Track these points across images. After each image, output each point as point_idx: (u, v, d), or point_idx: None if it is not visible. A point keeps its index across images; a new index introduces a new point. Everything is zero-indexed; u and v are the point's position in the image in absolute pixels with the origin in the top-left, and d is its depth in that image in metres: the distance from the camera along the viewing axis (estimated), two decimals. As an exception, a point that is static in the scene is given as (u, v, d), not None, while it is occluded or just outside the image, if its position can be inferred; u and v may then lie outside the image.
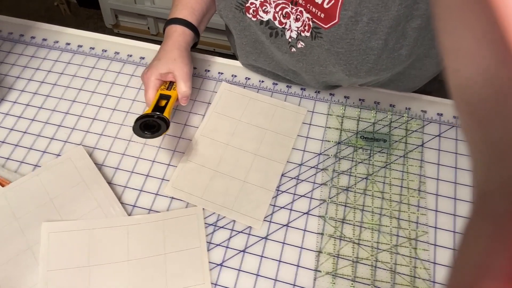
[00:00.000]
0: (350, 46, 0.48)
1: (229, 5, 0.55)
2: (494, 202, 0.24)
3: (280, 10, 0.52)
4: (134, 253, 0.49)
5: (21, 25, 0.72)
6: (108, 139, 0.59)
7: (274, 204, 0.54)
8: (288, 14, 0.52)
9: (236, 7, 0.55)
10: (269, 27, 0.54)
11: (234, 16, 0.56)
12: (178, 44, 0.57)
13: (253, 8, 0.53)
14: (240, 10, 0.55)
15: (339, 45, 0.48)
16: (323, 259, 0.50)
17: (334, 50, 0.49)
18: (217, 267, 0.49)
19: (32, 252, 0.49)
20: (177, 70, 0.55)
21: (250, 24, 0.56)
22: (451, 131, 0.60)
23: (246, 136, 0.59)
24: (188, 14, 0.59)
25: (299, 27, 0.51)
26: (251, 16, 0.54)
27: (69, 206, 0.52)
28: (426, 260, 0.50)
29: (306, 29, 0.51)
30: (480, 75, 0.24)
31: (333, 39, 0.48)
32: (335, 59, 0.50)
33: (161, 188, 0.55)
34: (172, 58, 0.56)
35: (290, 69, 0.61)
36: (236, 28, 0.58)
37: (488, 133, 0.25)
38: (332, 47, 0.49)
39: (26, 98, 0.63)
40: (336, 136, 0.59)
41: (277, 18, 0.53)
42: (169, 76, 0.56)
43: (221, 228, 0.52)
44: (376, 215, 0.53)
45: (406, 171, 0.56)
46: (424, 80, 0.64)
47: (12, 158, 0.57)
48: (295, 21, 0.51)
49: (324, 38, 0.49)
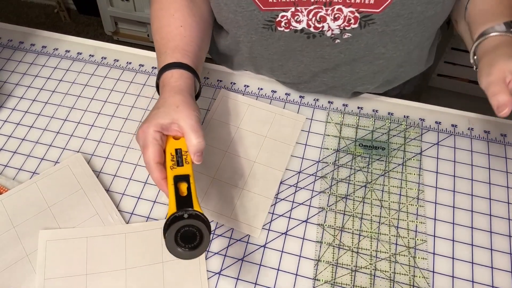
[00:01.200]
0: (408, 20, 0.49)
1: (253, 27, 0.53)
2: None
3: (314, 16, 0.51)
4: (132, 261, 0.49)
5: (21, 32, 0.72)
6: (106, 146, 0.59)
7: (272, 212, 0.54)
8: (324, 18, 0.50)
9: (264, 25, 0.52)
10: (305, 33, 0.53)
11: (261, 36, 0.54)
12: (179, 89, 0.48)
13: (284, 21, 0.51)
14: (269, 28, 0.53)
15: (396, 22, 0.49)
16: (321, 268, 0.50)
17: (390, 30, 0.50)
18: (215, 275, 0.49)
19: (29, 260, 0.49)
20: (182, 119, 0.45)
21: (281, 37, 0.54)
22: (449, 139, 0.60)
23: (244, 143, 0.59)
24: (182, 56, 0.51)
25: (340, 25, 0.51)
26: (284, 29, 0.52)
27: (67, 214, 0.52)
28: (425, 269, 0.50)
29: (352, 22, 0.50)
30: None
31: (389, 19, 0.49)
32: (389, 38, 0.51)
33: (160, 196, 0.55)
34: (175, 105, 0.46)
35: (315, 73, 0.60)
36: (263, 45, 0.56)
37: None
38: (387, 28, 0.50)
39: (25, 105, 0.63)
40: (335, 144, 0.59)
41: (311, 25, 0.51)
42: (172, 128, 0.46)
43: (219, 236, 0.52)
44: (375, 223, 0.53)
45: (404, 179, 0.56)
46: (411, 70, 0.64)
47: (10, 165, 0.57)
48: (334, 21, 0.51)
49: (377, 23, 0.50)
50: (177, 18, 0.54)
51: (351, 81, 0.61)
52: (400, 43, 0.53)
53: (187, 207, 0.41)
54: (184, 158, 0.45)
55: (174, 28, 0.54)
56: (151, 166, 0.44)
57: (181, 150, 0.45)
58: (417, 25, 0.50)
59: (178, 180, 0.43)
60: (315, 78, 0.61)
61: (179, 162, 0.44)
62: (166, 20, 0.55)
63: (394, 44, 0.53)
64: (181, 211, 0.40)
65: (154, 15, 0.57)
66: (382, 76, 0.60)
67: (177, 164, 0.44)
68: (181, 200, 0.41)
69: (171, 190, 0.42)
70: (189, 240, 0.38)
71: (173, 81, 0.49)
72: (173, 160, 0.44)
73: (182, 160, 0.44)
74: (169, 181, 0.43)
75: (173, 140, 0.47)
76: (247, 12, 0.51)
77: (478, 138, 0.60)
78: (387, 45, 0.53)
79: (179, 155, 0.45)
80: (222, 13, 0.54)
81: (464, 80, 1.33)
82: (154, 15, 0.57)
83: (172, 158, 0.44)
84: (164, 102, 0.47)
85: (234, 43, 0.60)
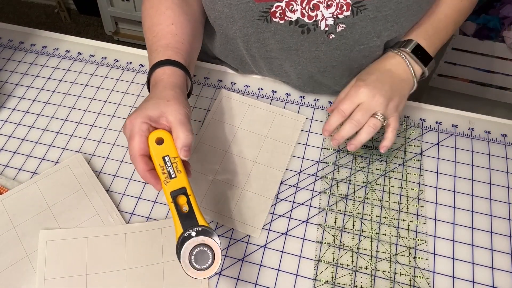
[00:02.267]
0: (398, 4, 0.50)
1: (249, 20, 0.53)
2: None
3: (307, 4, 0.51)
4: (132, 261, 0.49)
5: (21, 32, 0.72)
6: (106, 146, 0.59)
7: (273, 212, 0.54)
8: (317, 5, 0.51)
9: (260, 17, 0.52)
10: (299, 25, 0.53)
11: (256, 29, 0.54)
12: (171, 85, 0.48)
13: (279, 11, 0.52)
14: (265, 19, 0.53)
15: (386, 7, 0.50)
16: (322, 268, 0.50)
17: (382, 15, 0.51)
18: (216, 276, 0.49)
19: (29, 260, 0.49)
20: (171, 113, 0.44)
21: (276, 31, 0.54)
22: (450, 139, 0.60)
23: (245, 143, 0.59)
24: (174, 54, 0.51)
25: (333, 12, 0.51)
26: (279, 20, 0.52)
27: (67, 214, 0.52)
28: (426, 269, 0.49)
29: (344, 9, 0.51)
30: None
31: (379, 4, 0.50)
32: (382, 25, 0.52)
33: (160, 196, 0.55)
34: (165, 99, 0.46)
35: (312, 73, 0.60)
36: (259, 41, 0.56)
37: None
38: (379, 13, 0.50)
39: (25, 105, 0.63)
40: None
41: (305, 14, 0.52)
42: (161, 121, 0.45)
43: (219, 236, 0.52)
44: (375, 224, 0.53)
45: (405, 179, 0.56)
46: None
47: (11, 165, 0.57)
48: (327, 8, 0.51)
49: (369, 8, 0.50)
50: (168, 16, 0.54)
51: (349, 78, 0.60)
52: (393, 30, 0.53)
53: (192, 223, 0.41)
54: (174, 166, 0.43)
55: (165, 26, 0.54)
56: (135, 158, 0.44)
57: (169, 156, 0.44)
58: (406, 9, 0.51)
59: (176, 195, 0.42)
60: (316, 81, 0.61)
61: (171, 174, 0.43)
62: (157, 19, 0.55)
63: (387, 32, 0.53)
64: (188, 230, 0.41)
65: (145, 14, 0.57)
66: None
67: (170, 176, 0.43)
68: (184, 217, 0.42)
69: (172, 209, 0.42)
70: (202, 257, 0.40)
71: (165, 77, 0.49)
72: (164, 173, 0.43)
73: (174, 170, 0.43)
74: (168, 199, 0.42)
75: (156, 146, 0.44)
76: (242, 5, 0.52)
77: (479, 138, 0.60)
78: (381, 35, 0.53)
79: (168, 164, 0.43)
80: (216, 8, 0.54)
81: (465, 80, 1.33)
82: (145, 14, 0.57)
83: (162, 171, 0.43)
84: (155, 95, 0.47)
85: (231, 42, 0.60)
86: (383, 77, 0.55)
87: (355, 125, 0.53)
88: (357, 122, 0.53)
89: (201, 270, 0.40)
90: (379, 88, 0.53)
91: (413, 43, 0.56)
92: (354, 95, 0.53)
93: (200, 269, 0.40)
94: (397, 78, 0.55)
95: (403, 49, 0.56)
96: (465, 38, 1.20)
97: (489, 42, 1.18)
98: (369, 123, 0.53)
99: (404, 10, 0.51)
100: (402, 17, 0.52)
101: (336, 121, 0.54)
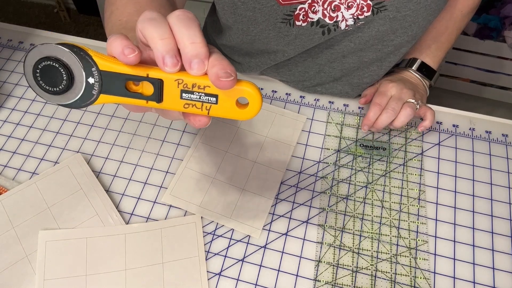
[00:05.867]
0: (418, 5, 0.51)
1: (272, 23, 0.53)
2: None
3: (328, 5, 0.52)
4: (132, 262, 0.49)
5: (21, 32, 0.72)
6: (106, 146, 0.59)
7: (273, 212, 0.53)
8: (338, 6, 0.52)
9: (283, 20, 0.52)
10: (320, 25, 0.53)
11: (278, 33, 0.54)
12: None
13: (302, 13, 0.52)
14: (288, 22, 0.53)
15: (406, 8, 0.51)
16: (322, 269, 0.49)
17: (401, 15, 0.52)
18: (216, 276, 0.49)
19: (28, 261, 0.49)
20: None
21: (298, 35, 0.54)
22: (450, 139, 0.60)
23: (245, 143, 0.59)
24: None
25: (354, 13, 0.52)
26: (302, 22, 0.53)
27: (67, 215, 0.52)
28: (426, 270, 0.49)
29: (365, 10, 0.51)
30: None
31: (400, 5, 0.51)
32: (400, 24, 0.53)
33: (159, 196, 0.54)
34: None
35: (321, 65, 0.60)
36: (280, 44, 0.56)
37: None
38: (398, 14, 0.51)
39: (24, 105, 0.63)
40: (336, 144, 0.59)
41: (326, 14, 0.52)
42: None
43: (219, 237, 0.52)
44: (376, 224, 0.52)
45: (405, 179, 0.56)
46: None
47: (10, 165, 0.57)
48: (347, 9, 0.52)
49: (389, 9, 0.51)
50: (130, 1, 0.46)
51: (357, 71, 0.61)
52: (409, 28, 0.54)
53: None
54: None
55: (131, 6, 0.46)
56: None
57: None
58: (424, 10, 0.52)
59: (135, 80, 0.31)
60: (321, 71, 0.61)
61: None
62: (120, 11, 0.46)
63: (403, 30, 0.54)
64: (71, 45, 0.30)
65: (107, 10, 0.49)
66: (388, 63, 0.60)
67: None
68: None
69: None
70: (54, 77, 0.30)
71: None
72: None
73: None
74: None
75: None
76: (267, 8, 0.51)
77: (480, 138, 0.60)
78: (396, 32, 0.54)
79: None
80: (238, 11, 0.53)
81: (466, 80, 1.33)
82: (107, 10, 0.49)
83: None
84: None
85: (245, 42, 0.59)
86: (404, 80, 0.61)
87: (391, 113, 0.57)
88: (392, 110, 0.57)
89: (49, 92, 0.31)
90: (404, 84, 0.59)
91: (417, 62, 0.63)
92: (385, 90, 0.59)
93: (48, 90, 0.31)
94: (415, 83, 0.62)
95: (409, 68, 0.63)
96: (466, 38, 1.20)
97: (490, 41, 1.18)
98: (405, 107, 0.57)
99: (422, 10, 0.52)
100: (420, 17, 0.53)
101: (375, 114, 0.58)
